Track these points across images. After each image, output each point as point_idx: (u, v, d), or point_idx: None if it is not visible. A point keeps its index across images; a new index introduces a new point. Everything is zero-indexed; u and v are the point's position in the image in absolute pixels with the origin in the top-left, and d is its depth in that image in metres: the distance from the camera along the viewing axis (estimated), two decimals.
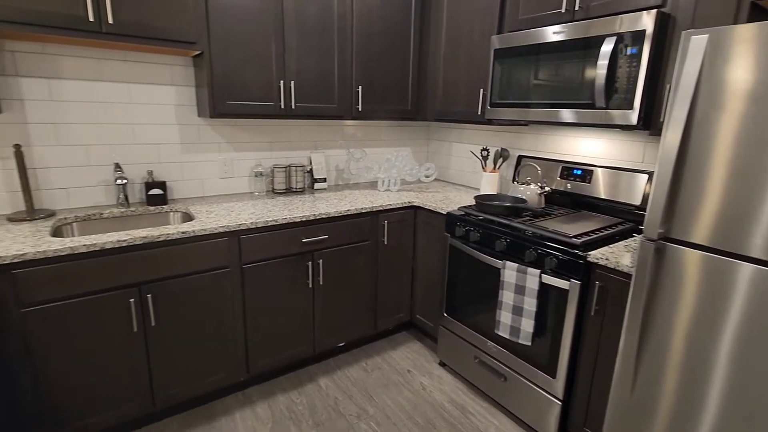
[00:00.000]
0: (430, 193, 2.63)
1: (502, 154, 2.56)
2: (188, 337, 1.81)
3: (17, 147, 1.76)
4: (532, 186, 2.19)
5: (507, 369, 1.93)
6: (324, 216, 2.08)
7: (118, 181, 1.92)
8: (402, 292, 2.54)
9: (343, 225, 2.17)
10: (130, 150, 2.10)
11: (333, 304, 2.24)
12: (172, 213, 2.09)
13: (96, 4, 1.64)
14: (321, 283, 2.16)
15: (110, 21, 1.68)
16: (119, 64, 2.01)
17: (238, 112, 2.07)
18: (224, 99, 2.02)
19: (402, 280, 2.52)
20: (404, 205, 2.38)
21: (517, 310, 1.77)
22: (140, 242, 1.61)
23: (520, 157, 2.49)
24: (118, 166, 1.99)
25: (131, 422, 1.81)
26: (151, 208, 2.06)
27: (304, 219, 2.01)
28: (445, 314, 2.24)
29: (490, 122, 2.29)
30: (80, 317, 1.55)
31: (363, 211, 2.22)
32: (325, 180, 2.66)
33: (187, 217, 2.07)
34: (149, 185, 2.08)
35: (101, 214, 1.94)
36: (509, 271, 1.79)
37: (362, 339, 2.53)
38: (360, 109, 2.47)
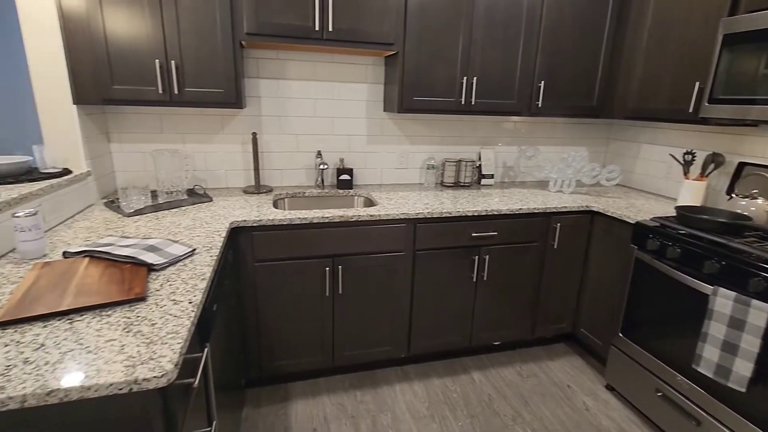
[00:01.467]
0: (611, 198, 2.38)
1: (714, 160, 2.15)
2: (365, 308, 2.04)
3: (254, 134, 2.21)
4: (760, 201, 1.79)
5: (702, 413, 1.64)
6: (495, 212, 2.07)
7: (321, 166, 2.25)
8: (566, 301, 2.37)
9: (513, 223, 2.14)
10: (328, 140, 2.44)
11: (493, 301, 2.24)
12: (356, 197, 2.37)
13: (321, 16, 1.94)
14: (485, 278, 2.17)
15: (330, 29, 1.96)
16: (328, 66, 2.34)
17: (423, 108, 2.20)
18: (411, 95, 2.17)
19: (568, 288, 2.35)
20: (581, 209, 2.21)
21: (730, 348, 1.48)
22: (338, 220, 1.86)
23: (741, 165, 2.05)
24: (319, 154, 2.34)
25: (313, 371, 2.13)
26: (341, 191, 2.36)
27: (476, 214, 2.05)
28: (621, 334, 2.02)
29: (703, 122, 1.94)
30: (290, 277, 1.89)
31: (535, 211, 2.14)
32: (492, 176, 2.65)
33: (369, 202, 2.31)
34: (340, 171, 2.39)
35: (304, 193, 2.31)
36: (723, 299, 1.51)
37: (518, 342, 2.46)
38: (539, 105, 2.36)
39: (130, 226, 1.62)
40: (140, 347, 0.85)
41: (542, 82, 2.33)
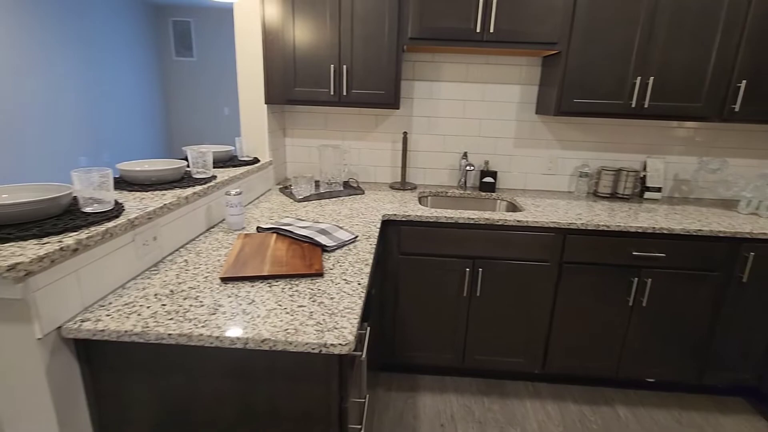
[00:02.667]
0: None
1: None
2: (501, 315, 1.99)
3: (405, 134, 2.33)
4: None
5: None
6: (665, 231, 1.81)
7: (468, 168, 2.26)
8: (752, 348, 1.95)
9: (686, 246, 1.84)
10: (474, 141, 2.43)
11: (651, 332, 1.96)
12: (499, 200, 2.31)
13: (483, 18, 1.94)
14: (643, 304, 1.92)
15: (491, 30, 1.95)
16: (481, 68, 2.33)
17: (583, 111, 2.04)
18: (571, 97, 2.03)
19: (756, 333, 1.93)
20: None
21: None
22: (483, 222, 1.85)
23: None
24: (465, 155, 2.35)
25: (442, 368, 2.17)
26: (483, 193, 2.34)
27: (639, 230, 1.82)
28: None
29: None
30: (430, 272, 1.94)
31: (720, 234, 1.80)
32: (660, 190, 2.31)
33: (512, 207, 2.24)
34: (484, 173, 2.36)
35: (446, 192, 2.35)
36: None
37: (677, 384, 2.12)
38: (736, 109, 1.98)
39: (300, 210, 1.86)
40: (324, 316, 0.98)
41: (743, 81, 1.94)
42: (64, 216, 1.03)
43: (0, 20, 4.00)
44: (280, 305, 1.02)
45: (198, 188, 1.43)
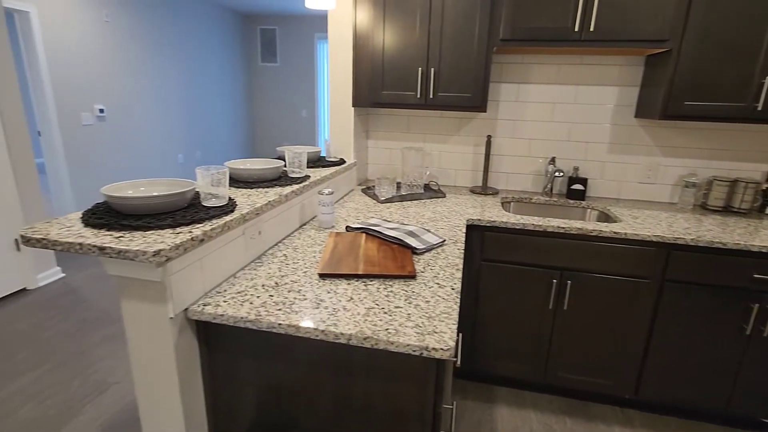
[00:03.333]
0: None
1: None
2: (590, 332, 1.86)
3: (489, 137, 2.28)
4: None
5: None
6: None
7: (556, 174, 2.16)
8: None
9: None
10: (562, 146, 2.31)
11: None
12: (589, 209, 2.17)
13: (583, 16, 1.83)
14: (765, 334, 1.69)
15: (591, 29, 1.83)
16: (574, 68, 2.20)
17: (696, 114, 1.84)
18: (682, 99, 1.84)
19: None
20: None
21: None
22: (574, 232, 1.75)
23: None
24: (552, 160, 2.23)
25: (520, 382, 2.08)
26: (570, 201, 2.21)
27: (764, 250, 1.60)
28: None
29: None
30: (513, 281, 1.88)
31: None
32: None
33: (605, 217, 2.08)
34: (572, 180, 2.23)
35: (530, 198, 2.26)
36: None
37: None
38: None
39: (384, 212, 1.89)
40: (423, 319, 0.98)
41: None
42: (189, 209, 1.14)
43: (115, 29, 4.57)
44: (377, 304, 1.04)
45: (295, 187, 1.52)
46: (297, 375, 1.04)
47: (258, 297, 1.06)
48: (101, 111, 4.39)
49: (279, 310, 1.00)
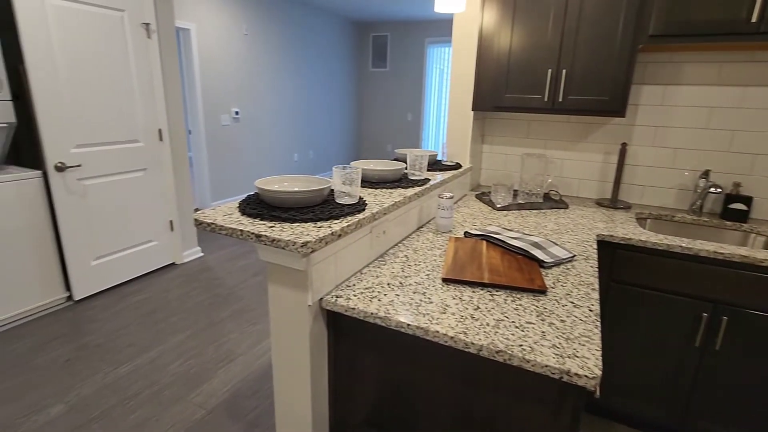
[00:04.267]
0: None
1: None
2: (750, 382, 1.55)
3: (623, 145, 2.05)
4: None
5: None
6: None
7: (711, 190, 1.85)
8: None
9: None
10: (720, 157, 1.97)
11: None
12: (753, 234, 1.82)
13: (764, 5, 1.54)
14: None
15: None
16: (740, 67, 1.87)
17: None
18: None
19: None
20: None
21: None
22: (737, 260, 1.47)
23: None
24: (706, 174, 1.92)
25: (650, 425, 1.83)
26: (727, 223, 1.88)
27: None
28: None
29: None
30: (648, 308, 1.65)
31: None
32: None
33: None
34: (731, 198, 1.89)
35: (672, 216, 1.97)
36: None
37: None
38: None
39: (501, 219, 1.82)
40: (560, 340, 0.91)
41: None
42: (325, 205, 1.22)
43: (251, 41, 5.14)
44: (506, 317, 1.00)
45: (417, 189, 1.53)
46: (418, 377, 1.04)
47: (385, 295, 1.09)
48: (236, 113, 4.99)
49: (406, 310, 1.01)
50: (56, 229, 2.57)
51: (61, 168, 2.50)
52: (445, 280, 1.18)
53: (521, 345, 0.88)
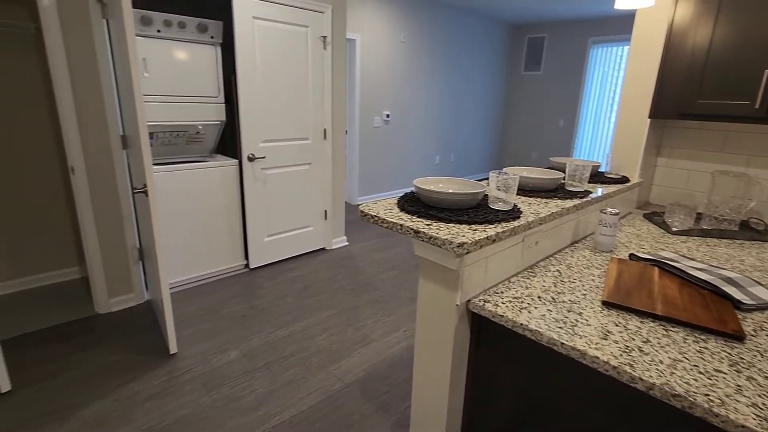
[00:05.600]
0: None
1: None
2: None
3: None
4: None
5: None
6: None
7: None
8: None
9: None
10: None
11: None
12: None
13: None
14: None
15: None
16: None
17: None
18: None
19: None
20: None
21: None
22: None
23: None
24: None
25: None
26: None
27: None
28: None
29: None
30: None
31: None
32: None
33: None
34: None
35: None
36: None
37: None
38: None
39: (678, 245, 1.56)
40: (763, 399, 0.75)
41: None
42: (479, 209, 1.23)
43: (408, 47, 5.40)
44: (686, 358, 0.86)
45: (576, 201, 1.42)
46: (562, 400, 0.97)
47: (536, 308, 1.05)
48: (387, 116, 5.34)
49: (560, 328, 0.96)
50: (243, 208, 3.15)
51: (251, 158, 3.05)
52: (606, 304, 1.07)
53: (708, 395, 0.75)
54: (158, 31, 2.58)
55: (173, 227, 2.80)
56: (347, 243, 3.87)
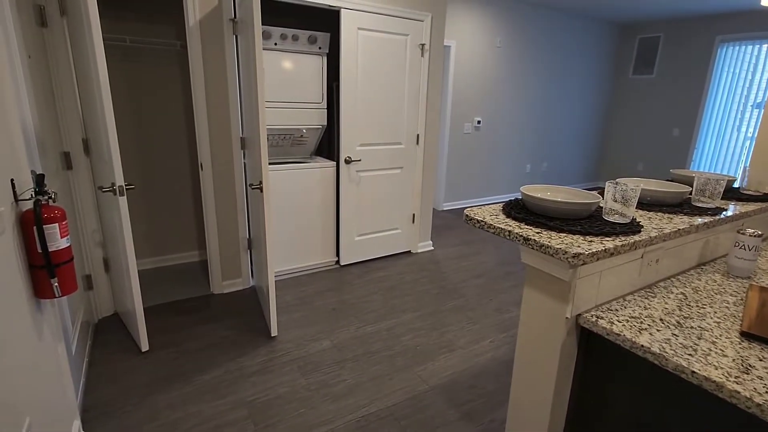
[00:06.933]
0: None
1: None
2: None
3: None
4: None
5: None
6: None
7: None
8: None
9: None
10: None
11: None
12: None
13: None
14: None
15: None
16: None
17: None
18: None
19: None
20: None
21: None
22: None
23: None
24: None
25: None
26: None
27: None
28: None
29: None
30: None
31: None
32: None
33: None
34: None
35: None
36: None
37: None
38: None
39: None
40: None
41: None
42: (591, 220, 1.17)
43: (503, 53, 5.26)
44: None
45: (707, 219, 1.28)
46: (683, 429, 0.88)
47: (658, 330, 0.97)
48: (478, 122, 5.26)
49: (690, 355, 0.87)
50: (338, 207, 3.34)
51: (348, 161, 3.22)
52: (747, 335, 0.95)
53: None
54: (275, 44, 2.86)
55: (276, 222, 3.07)
56: (432, 248, 3.89)
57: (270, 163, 3.07)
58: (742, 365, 0.84)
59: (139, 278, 3.01)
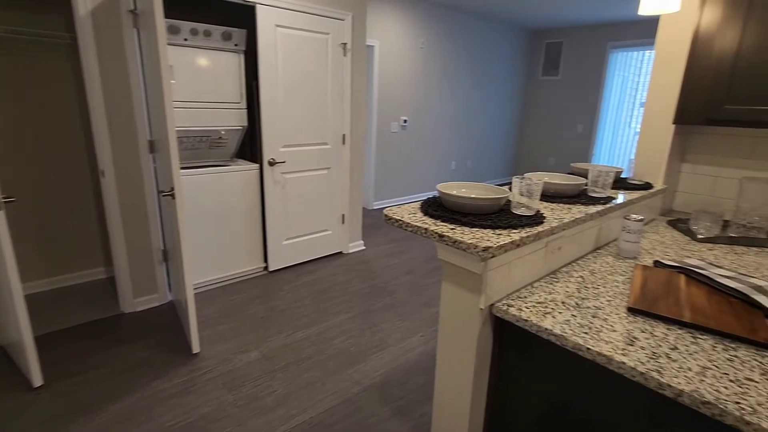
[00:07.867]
0: None
1: None
2: None
3: None
4: None
5: None
6: None
7: None
8: None
9: None
10: None
11: None
12: None
13: None
14: None
15: None
16: None
17: None
18: None
19: None
20: None
21: None
22: None
23: None
24: None
25: None
26: None
27: None
28: None
29: None
30: None
31: None
32: None
33: None
34: None
35: None
36: None
37: None
38: None
39: (703, 253, 1.53)
40: None
41: None
42: (501, 214, 1.23)
43: (426, 54, 5.43)
44: (715, 366, 0.85)
45: (599, 207, 1.41)
46: (588, 406, 0.96)
47: (560, 313, 1.05)
48: (405, 121, 5.37)
49: (585, 333, 0.95)
50: (263, 212, 3.21)
51: (272, 163, 3.11)
52: (632, 310, 1.06)
53: (738, 403, 0.74)
54: (185, 39, 2.66)
55: (195, 230, 2.87)
56: (364, 247, 3.90)
57: (187, 167, 2.86)
58: (628, 338, 0.94)
59: (31, 302, 2.65)
